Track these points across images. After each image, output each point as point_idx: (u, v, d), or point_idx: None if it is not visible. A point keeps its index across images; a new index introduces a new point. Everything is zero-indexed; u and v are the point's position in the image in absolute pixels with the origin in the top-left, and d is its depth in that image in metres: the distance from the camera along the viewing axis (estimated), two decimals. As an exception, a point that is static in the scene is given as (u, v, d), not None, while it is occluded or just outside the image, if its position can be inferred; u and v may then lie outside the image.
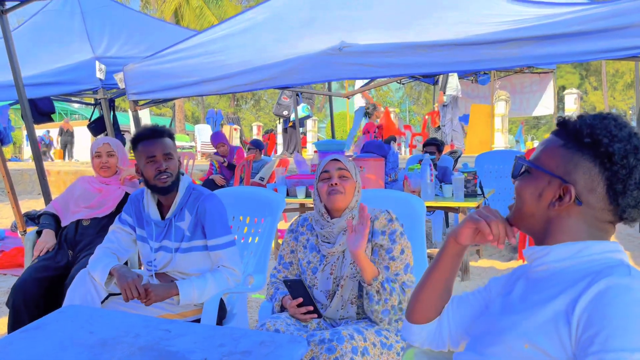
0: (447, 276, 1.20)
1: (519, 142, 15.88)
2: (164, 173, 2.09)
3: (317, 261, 1.92)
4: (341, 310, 1.87)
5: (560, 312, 0.92)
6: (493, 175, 5.28)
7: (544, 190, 1.03)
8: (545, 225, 1.04)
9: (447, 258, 1.18)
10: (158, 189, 2.13)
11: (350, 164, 1.94)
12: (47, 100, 5.21)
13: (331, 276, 1.89)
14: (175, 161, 2.15)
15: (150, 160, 2.10)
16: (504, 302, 1.09)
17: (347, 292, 1.85)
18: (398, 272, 1.80)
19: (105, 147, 2.90)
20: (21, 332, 1.47)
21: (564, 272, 0.99)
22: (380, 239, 1.85)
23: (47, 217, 2.91)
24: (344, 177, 1.90)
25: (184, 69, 3.56)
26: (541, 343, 0.92)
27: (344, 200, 1.88)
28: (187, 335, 1.41)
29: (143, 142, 2.12)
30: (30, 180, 11.77)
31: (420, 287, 1.23)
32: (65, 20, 5.10)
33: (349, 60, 2.97)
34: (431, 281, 1.21)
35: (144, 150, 2.11)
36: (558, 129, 1.06)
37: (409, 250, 1.86)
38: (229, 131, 15.81)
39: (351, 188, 1.90)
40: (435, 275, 1.20)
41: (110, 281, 2.09)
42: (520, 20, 2.83)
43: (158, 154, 2.09)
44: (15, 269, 4.81)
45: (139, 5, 25.59)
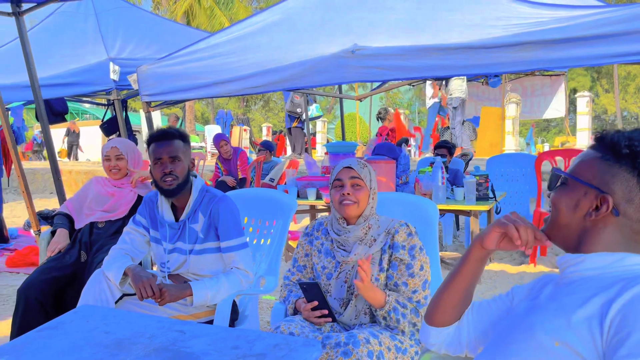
0: (470, 281, 1.20)
1: (530, 144, 15.78)
2: (168, 175, 2.10)
3: (332, 267, 1.92)
4: (355, 319, 1.87)
5: (594, 314, 0.94)
6: (504, 178, 5.24)
7: (581, 201, 1.05)
8: (580, 235, 1.06)
9: (471, 263, 1.18)
10: (163, 191, 2.15)
11: (364, 171, 1.90)
12: (61, 101, 5.26)
13: (345, 284, 1.88)
14: (183, 164, 2.15)
15: (156, 162, 2.13)
16: (530, 305, 1.10)
17: (361, 303, 1.85)
18: (416, 289, 1.79)
19: (113, 150, 2.89)
20: (37, 332, 1.49)
21: (597, 278, 1.00)
22: (400, 252, 1.83)
23: (60, 217, 2.93)
24: (357, 186, 1.87)
25: (197, 71, 3.58)
26: (573, 342, 0.94)
27: (356, 209, 1.86)
28: (201, 337, 1.41)
29: (153, 143, 2.15)
30: (42, 179, 11.88)
31: (442, 291, 1.23)
32: (80, 22, 5.15)
33: (362, 63, 2.97)
34: (454, 285, 1.21)
35: (152, 152, 2.15)
36: (595, 143, 1.08)
37: (427, 266, 1.85)
38: (238, 132, 15.86)
39: (365, 196, 1.87)
40: (458, 279, 1.20)
41: (125, 281, 2.10)
42: (534, 23, 2.82)
43: (164, 156, 2.11)
44: (28, 267, 4.86)
45: (151, 6, 25.74)
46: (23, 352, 1.36)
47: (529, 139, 16.13)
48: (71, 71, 4.32)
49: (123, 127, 4.88)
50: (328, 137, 18.20)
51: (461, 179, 4.58)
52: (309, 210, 5.08)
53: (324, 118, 17.59)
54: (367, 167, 1.93)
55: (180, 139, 2.18)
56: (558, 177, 1.11)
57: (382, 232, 1.88)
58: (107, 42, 4.70)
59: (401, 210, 2.23)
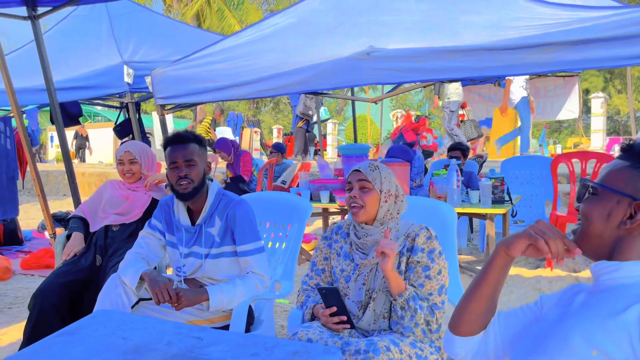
0: (495, 288, 1.18)
1: (543, 146, 15.63)
2: (183, 179, 2.10)
3: (351, 270, 1.90)
4: (373, 324, 1.85)
5: (633, 322, 0.93)
6: (519, 180, 5.18)
7: (613, 210, 1.04)
8: (613, 244, 1.05)
9: (496, 269, 1.16)
10: (179, 194, 2.14)
11: (374, 174, 1.86)
12: (75, 104, 5.29)
13: (364, 287, 1.86)
14: (198, 168, 2.14)
15: (172, 166, 2.12)
16: (562, 312, 1.08)
17: (380, 306, 1.83)
18: (432, 292, 1.77)
19: (127, 155, 2.89)
20: (55, 337, 1.48)
21: (634, 286, 1.00)
22: (419, 256, 1.81)
23: (75, 220, 2.94)
24: (365, 189, 1.85)
25: (211, 74, 3.57)
26: (611, 351, 0.93)
27: (364, 214, 1.85)
28: (219, 344, 1.40)
29: (169, 147, 2.15)
30: (55, 181, 11.98)
31: (467, 299, 1.21)
32: (94, 25, 5.18)
33: (377, 65, 2.94)
34: (478, 293, 1.19)
35: (168, 156, 2.14)
36: (623, 152, 1.08)
37: (446, 271, 1.82)
38: (249, 134, 15.89)
39: (373, 200, 1.84)
40: (483, 287, 1.18)
41: (141, 286, 2.09)
42: (552, 24, 2.77)
43: (179, 160, 2.11)
44: (43, 269, 4.89)
45: (162, 8, 25.89)
46: (42, 357, 1.35)
47: (542, 141, 15.98)
48: (85, 74, 4.34)
49: (137, 130, 4.90)
50: (339, 139, 18.18)
51: (475, 181, 4.53)
52: (321, 213, 5.06)
53: (334, 120, 17.59)
54: (379, 170, 1.89)
55: (196, 143, 2.17)
56: (587, 188, 1.10)
57: (401, 236, 1.86)
58: (120, 45, 4.71)
59: (418, 215, 2.20)
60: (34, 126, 5.33)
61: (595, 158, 4.58)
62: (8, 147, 5.14)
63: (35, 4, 3.33)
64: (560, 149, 18.32)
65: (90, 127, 22.17)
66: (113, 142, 20.25)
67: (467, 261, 4.79)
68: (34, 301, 2.44)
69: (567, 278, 4.20)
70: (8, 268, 4.67)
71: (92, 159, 19.46)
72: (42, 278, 4.56)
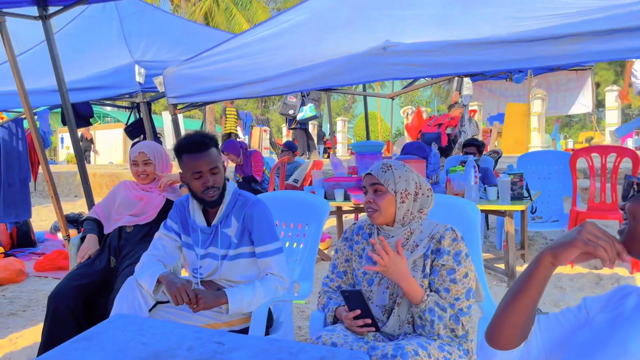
0: (537, 298, 1.09)
1: (556, 140, 15.49)
2: (211, 189, 2.04)
3: (374, 273, 1.84)
4: (398, 330, 1.78)
5: None
6: (536, 176, 5.09)
7: None
8: None
9: (539, 280, 1.06)
10: (205, 202, 2.08)
11: (386, 175, 1.79)
12: (86, 105, 5.28)
13: (387, 290, 1.80)
14: (222, 173, 2.09)
15: (197, 176, 2.04)
16: (613, 317, 1.01)
17: (404, 312, 1.76)
18: (459, 297, 1.70)
19: (141, 155, 2.85)
20: (73, 343, 1.44)
21: None
22: (444, 258, 1.73)
23: (89, 222, 2.91)
24: (378, 192, 1.79)
25: (223, 72, 3.52)
26: None
27: (379, 217, 1.79)
28: (241, 349, 1.35)
29: (188, 154, 2.04)
30: (66, 182, 12.02)
31: (507, 311, 1.11)
32: (104, 26, 5.15)
33: (394, 60, 2.87)
34: (520, 305, 1.09)
35: (189, 164, 2.04)
36: None
37: (472, 274, 1.74)
38: (258, 133, 15.88)
39: (388, 202, 1.77)
40: (525, 298, 1.08)
41: (158, 289, 2.04)
42: (574, 13, 2.68)
43: (204, 169, 2.03)
44: (56, 271, 4.87)
45: (170, 7, 25.94)
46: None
47: (555, 135, 15.83)
48: (97, 75, 4.31)
49: (149, 130, 4.86)
50: (348, 137, 18.11)
51: (491, 177, 4.45)
52: (335, 212, 5.00)
53: (343, 117, 17.51)
54: (392, 169, 1.81)
55: (214, 146, 2.09)
56: (632, 185, 1.01)
57: (425, 238, 1.79)
58: (131, 45, 4.68)
59: (440, 213, 2.13)
60: (46, 127, 5.31)
61: (616, 152, 4.48)
62: (20, 150, 5.14)
63: (46, 4, 3.29)
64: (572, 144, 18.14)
65: (99, 128, 22.33)
66: (123, 142, 20.39)
67: (485, 259, 4.70)
68: (50, 304, 2.42)
69: (589, 275, 4.11)
70: (22, 270, 4.66)
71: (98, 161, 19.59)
72: (56, 280, 4.57)
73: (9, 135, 5.06)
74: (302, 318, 3.39)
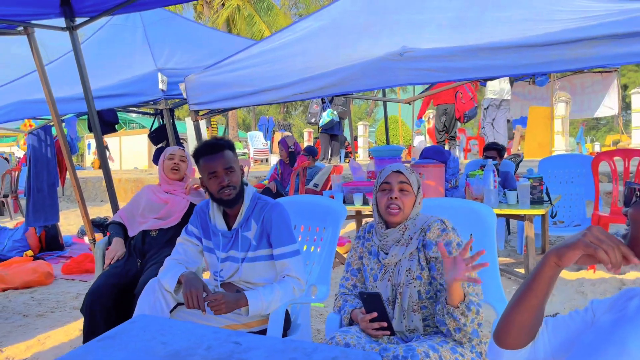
0: (543, 299, 1.11)
1: (580, 144, 15.20)
2: (227, 187, 2.11)
3: (378, 269, 1.91)
4: (404, 320, 1.82)
5: None
6: (557, 180, 5.03)
7: None
8: None
9: (544, 280, 1.08)
10: (223, 202, 2.15)
11: (413, 177, 1.90)
12: (111, 111, 5.40)
13: (389, 283, 1.87)
14: (237, 173, 2.16)
15: (212, 176, 2.13)
16: (617, 318, 1.03)
17: (406, 301, 1.81)
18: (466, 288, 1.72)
19: (180, 151, 3.06)
20: (97, 342, 1.50)
21: None
22: (433, 250, 1.80)
23: (114, 226, 3.00)
24: (405, 192, 1.86)
25: (244, 79, 3.58)
26: None
27: (401, 215, 1.85)
28: (258, 349, 1.39)
29: (204, 157, 2.14)
30: (93, 187, 12.28)
31: (514, 312, 1.14)
32: (128, 34, 5.27)
33: (411, 65, 2.90)
34: (526, 305, 1.12)
35: (205, 166, 2.14)
36: None
37: None
38: (280, 138, 15.97)
39: (410, 202, 1.87)
40: (531, 298, 1.11)
41: (179, 289, 2.11)
42: (591, 17, 2.67)
43: (219, 169, 2.11)
44: (83, 274, 5.00)
45: (193, 15, 26.34)
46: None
47: (579, 139, 15.54)
48: (121, 82, 4.42)
49: (172, 136, 4.96)
50: (369, 141, 18.08)
51: (512, 181, 4.43)
52: (354, 216, 5.03)
53: (365, 121, 17.49)
54: (414, 173, 1.94)
55: (229, 149, 2.18)
56: (633, 191, 1.03)
57: (417, 230, 1.86)
58: (154, 53, 4.78)
59: (456, 217, 2.15)
60: (73, 134, 5.47)
61: (639, 156, 4.41)
62: (49, 156, 5.30)
63: (74, 15, 3.41)
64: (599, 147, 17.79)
65: (125, 134, 22.72)
66: (147, 148, 20.71)
67: (505, 263, 4.68)
68: (88, 301, 2.51)
69: (611, 280, 4.06)
70: (50, 273, 4.79)
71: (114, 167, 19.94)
72: (83, 282, 4.69)
73: (38, 142, 5.22)
74: (321, 321, 3.43)
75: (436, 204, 2.43)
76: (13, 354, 3.06)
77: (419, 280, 1.80)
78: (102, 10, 3.40)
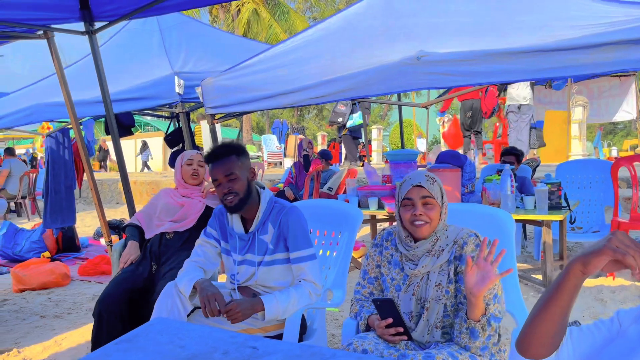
0: (567, 308, 1.08)
1: (598, 149, 15.02)
2: (228, 195, 2.11)
3: (401, 279, 1.86)
4: (427, 335, 1.79)
5: None
6: (575, 185, 4.97)
7: None
8: None
9: (569, 289, 1.05)
10: (227, 208, 2.16)
11: (435, 187, 1.82)
12: (128, 115, 5.46)
13: (414, 297, 1.82)
14: (240, 179, 2.13)
15: (215, 184, 2.14)
16: None
17: (433, 317, 1.78)
18: (487, 303, 1.68)
19: (198, 156, 3.07)
20: (115, 344, 1.50)
21: None
22: None
23: (131, 229, 3.02)
24: (429, 205, 1.79)
25: (259, 82, 3.59)
26: None
27: (429, 228, 1.79)
28: (275, 354, 1.39)
29: (209, 165, 2.16)
30: (109, 189, 12.40)
31: (537, 321, 1.11)
32: (145, 38, 5.32)
33: (428, 70, 2.88)
34: (551, 315, 1.09)
35: (211, 174, 2.16)
36: None
37: None
38: (294, 141, 16.00)
39: (437, 214, 1.80)
40: (555, 307, 1.08)
41: (194, 295, 2.12)
42: (610, 22, 2.64)
43: (220, 177, 2.12)
44: (99, 276, 5.05)
45: (208, 19, 26.53)
46: (103, 364, 1.37)
47: (597, 143, 15.35)
48: (138, 86, 4.45)
49: (188, 139, 4.99)
50: (384, 145, 18.03)
51: (529, 186, 4.38)
52: (369, 220, 5.01)
53: (379, 125, 17.46)
54: (436, 180, 1.85)
55: (234, 154, 2.15)
56: None
57: (450, 243, 1.81)
58: (171, 57, 4.82)
59: (474, 222, 2.13)
60: (90, 137, 5.53)
61: (660, 161, 4.34)
62: (66, 158, 5.36)
63: (93, 19, 3.44)
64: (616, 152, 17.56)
65: (140, 137, 22.91)
66: (162, 151, 20.87)
67: (522, 269, 4.62)
68: (98, 308, 2.52)
69: (631, 288, 3.99)
70: (67, 274, 4.84)
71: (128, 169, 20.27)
72: (99, 284, 4.73)
73: (56, 145, 5.29)
74: (336, 326, 3.41)
75: (454, 209, 2.40)
76: (30, 354, 3.09)
77: (447, 294, 1.77)
78: (121, 14, 3.44)
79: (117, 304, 2.52)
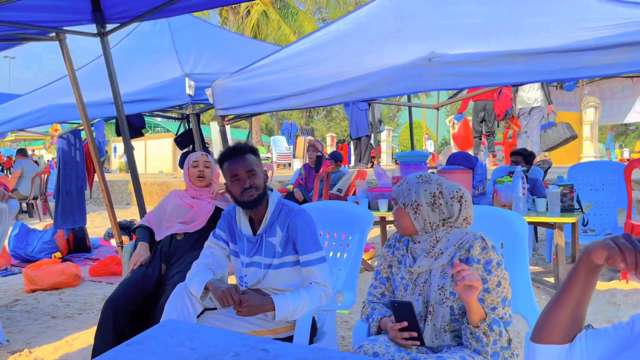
0: (581, 295, 1.12)
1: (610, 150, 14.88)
2: (249, 189, 2.13)
3: (409, 279, 1.87)
4: (436, 340, 1.77)
5: None
6: (588, 187, 4.92)
7: None
8: None
9: (581, 275, 1.10)
10: (245, 203, 2.16)
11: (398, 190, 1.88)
12: (138, 116, 5.48)
13: (420, 297, 1.81)
14: (259, 176, 2.18)
15: (235, 179, 2.15)
16: None
17: (439, 321, 1.76)
18: (495, 306, 1.67)
19: (203, 157, 3.07)
20: (125, 346, 1.50)
21: None
22: (474, 267, 1.72)
23: (141, 230, 3.03)
24: (396, 207, 1.89)
25: (270, 84, 3.59)
26: None
27: (398, 229, 1.88)
28: (286, 357, 1.38)
29: (227, 161, 2.18)
30: (119, 190, 12.47)
31: (551, 307, 1.16)
32: (156, 40, 5.35)
33: (440, 71, 2.86)
34: (563, 300, 1.14)
35: (228, 170, 2.17)
36: None
37: (506, 283, 1.72)
38: (303, 142, 16.01)
39: (402, 216, 1.85)
40: (568, 293, 1.13)
41: (206, 295, 2.12)
42: (622, 24, 2.61)
43: (241, 172, 2.14)
44: (110, 276, 5.07)
45: (218, 20, 26.63)
46: (114, 366, 1.37)
47: (609, 145, 15.22)
48: (149, 87, 4.47)
49: (198, 140, 5.00)
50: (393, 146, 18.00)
51: (540, 188, 4.34)
52: (379, 222, 4.99)
53: (388, 127, 17.44)
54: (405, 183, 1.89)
55: (252, 153, 2.21)
56: None
57: (450, 246, 1.79)
58: (182, 58, 4.84)
59: (486, 225, 2.11)
60: (101, 138, 5.56)
61: (674, 163, 4.28)
62: (77, 159, 5.39)
63: (104, 21, 3.47)
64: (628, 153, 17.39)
65: (150, 138, 23.04)
66: (172, 152, 20.97)
67: (534, 272, 4.58)
68: (105, 310, 2.53)
69: (645, 291, 3.94)
70: (78, 275, 4.87)
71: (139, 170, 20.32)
72: (110, 285, 4.75)
73: (67, 146, 5.32)
74: (346, 328, 3.40)
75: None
76: (42, 355, 3.11)
77: (453, 297, 1.75)
78: (132, 16, 3.46)
79: (125, 306, 2.53)
